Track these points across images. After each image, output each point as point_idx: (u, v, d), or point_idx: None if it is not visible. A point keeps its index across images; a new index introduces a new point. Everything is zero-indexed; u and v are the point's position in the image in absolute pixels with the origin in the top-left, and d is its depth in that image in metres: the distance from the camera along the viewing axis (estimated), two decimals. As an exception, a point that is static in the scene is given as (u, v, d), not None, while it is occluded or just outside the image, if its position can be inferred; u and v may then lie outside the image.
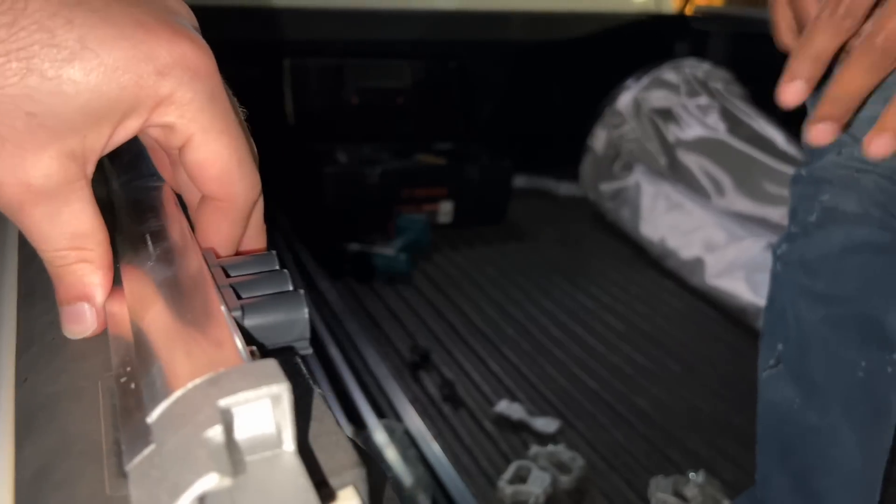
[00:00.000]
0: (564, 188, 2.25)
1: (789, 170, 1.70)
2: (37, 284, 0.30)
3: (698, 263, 1.71)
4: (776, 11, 0.61)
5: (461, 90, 2.19)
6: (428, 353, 1.42)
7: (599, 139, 2.04)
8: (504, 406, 1.27)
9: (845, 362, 0.67)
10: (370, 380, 1.32)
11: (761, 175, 1.81)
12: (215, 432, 0.17)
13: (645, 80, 2.02)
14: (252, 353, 0.21)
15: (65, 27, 0.23)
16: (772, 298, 0.75)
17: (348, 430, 1.15)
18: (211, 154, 0.26)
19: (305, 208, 1.99)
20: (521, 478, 1.08)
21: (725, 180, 1.85)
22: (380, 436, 1.13)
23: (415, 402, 1.27)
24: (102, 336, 0.26)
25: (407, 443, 1.14)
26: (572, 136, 2.07)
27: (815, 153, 0.71)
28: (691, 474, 1.11)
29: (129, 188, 0.33)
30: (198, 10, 0.29)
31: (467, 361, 1.42)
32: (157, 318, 0.23)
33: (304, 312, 0.24)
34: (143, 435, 0.19)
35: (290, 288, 0.25)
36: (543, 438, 1.21)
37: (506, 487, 1.06)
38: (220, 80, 0.26)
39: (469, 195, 1.99)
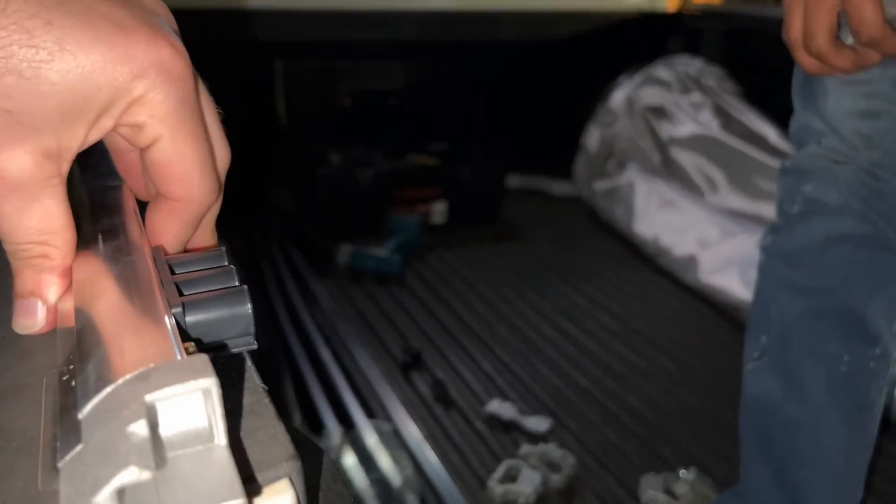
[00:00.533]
0: (558, 187, 2.25)
1: (781, 166, 1.70)
2: (-9, 284, 0.30)
3: (692, 261, 1.71)
4: (792, 15, 0.61)
5: (454, 91, 2.19)
6: (420, 354, 1.42)
7: (593, 138, 2.04)
8: (495, 405, 1.27)
9: (827, 355, 0.67)
10: (361, 380, 1.32)
11: (754, 171, 1.81)
12: (139, 427, 0.17)
13: (638, 78, 2.02)
14: (187, 349, 0.21)
15: (44, 28, 0.23)
16: (758, 291, 0.75)
17: (337, 430, 1.15)
18: (175, 155, 0.27)
19: (298, 210, 2.00)
20: (511, 477, 1.08)
21: (718, 177, 1.85)
22: (369, 436, 1.13)
23: (406, 402, 1.27)
24: (51, 333, 0.26)
25: (396, 443, 1.14)
26: (566, 134, 2.07)
27: (798, 143, 0.71)
28: (682, 472, 1.11)
29: (88, 186, 0.33)
30: (191, 14, 0.29)
31: (459, 361, 1.42)
32: (99, 317, 0.23)
33: (247, 308, 0.24)
34: (75, 431, 0.19)
35: (236, 284, 0.25)
36: (535, 437, 1.21)
37: (496, 487, 1.06)
38: (193, 84, 0.27)
39: (463, 195, 1.99)
